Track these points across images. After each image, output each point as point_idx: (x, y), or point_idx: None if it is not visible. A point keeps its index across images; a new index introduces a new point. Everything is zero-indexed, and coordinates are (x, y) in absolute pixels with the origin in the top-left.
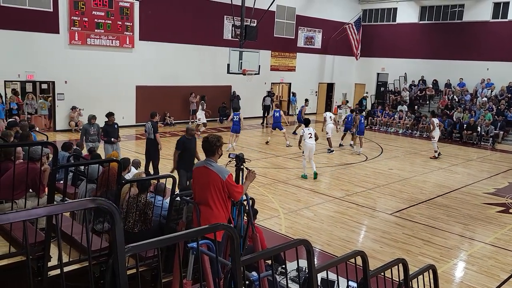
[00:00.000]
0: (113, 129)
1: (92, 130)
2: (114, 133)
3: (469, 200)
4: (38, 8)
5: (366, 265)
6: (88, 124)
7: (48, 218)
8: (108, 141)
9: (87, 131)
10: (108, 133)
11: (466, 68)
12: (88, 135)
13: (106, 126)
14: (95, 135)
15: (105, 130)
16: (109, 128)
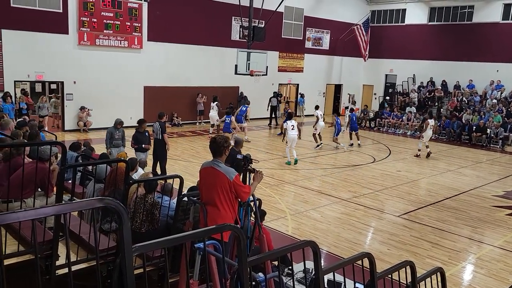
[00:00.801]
0: (145, 137)
1: (117, 134)
2: (145, 141)
3: (478, 202)
4: (48, 9)
5: (373, 267)
6: (114, 128)
7: (56, 217)
8: (140, 148)
9: (112, 135)
10: (140, 141)
11: (476, 70)
12: (112, 139)
13: (137, 134)
14: (119, 140)
15: (136, 137)
16: (140, 135)
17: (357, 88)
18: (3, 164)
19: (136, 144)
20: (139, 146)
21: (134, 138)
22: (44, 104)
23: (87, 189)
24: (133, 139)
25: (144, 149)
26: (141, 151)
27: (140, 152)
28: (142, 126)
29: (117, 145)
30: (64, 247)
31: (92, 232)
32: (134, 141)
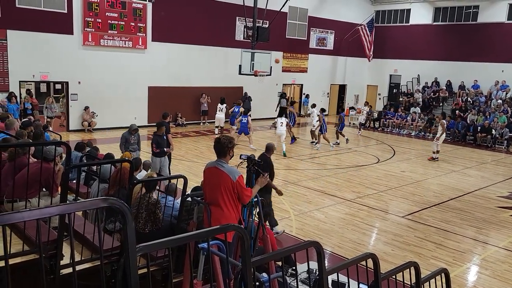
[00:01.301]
0: (163, 140)
1: (132, 139)
2: (165, 145)
3: (482, 203)
4: (53, 10)
5: (377, 268)
6: (128, 133)
7: (60, 217)
8: (161, 153)
9: (127, 140)
10: (160, 145)
11: (481, 70)
12: (128, 144)
13: (157, 137)
14: (135, 144)
15: (156, 141)
16: (160, 139)
17: (362, 88)
18: (8, 164)
19: (158, 148)
20: (161, 150)
21: (155, 142)
22: (51, 105)
23: (91, 189)
24: (154, 143)
25: (165, 152)
26: (163, 155)
27: (157, 158)
28: (161, 129)
29: (134, 149)
30: (68, 247)
31: (96, 232)
32: (156, 145)
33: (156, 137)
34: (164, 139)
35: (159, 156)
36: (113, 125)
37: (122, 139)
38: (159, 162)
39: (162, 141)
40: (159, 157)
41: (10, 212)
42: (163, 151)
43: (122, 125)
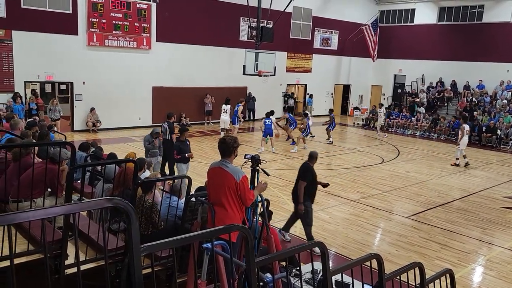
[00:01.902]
0: (186, 146)
1: (155, 140)
2: (187, 151)
3: (487, 204)
4: (58, 10)
5: (381, 268)
6: (150, 136)
7: (65, 217)
8: (182, 159)
9: (149, 142)
10: (182, 151)
11: (486, 70)
12: (150, 145)
13: (178, 143)
14: (156, 149)
15: (178, 147)
16: (182, 145)
17: (366, 88)
18: (13, 164)
19: (179, 154)
20: (182, 156)
21: (176, 148)
22: (56, 107)
23: (96, 189)
24: (176, 149)
25: (187, 159)
26: (184, 161)
27: (183, 164)
28: (184, 134)
29: (154, 154)
30: (73, 247)
31: (101, 231)
32: (177, 151)
33: (178, 143)
34: (187, 145)
35: (183, 162)
36: (117, 125)
37: (145, 142)
38: (185, 169)
39: (184, 146)
40: (183, 163)
41: (16, 212)
42: (184, 157)
43: (127, 125)
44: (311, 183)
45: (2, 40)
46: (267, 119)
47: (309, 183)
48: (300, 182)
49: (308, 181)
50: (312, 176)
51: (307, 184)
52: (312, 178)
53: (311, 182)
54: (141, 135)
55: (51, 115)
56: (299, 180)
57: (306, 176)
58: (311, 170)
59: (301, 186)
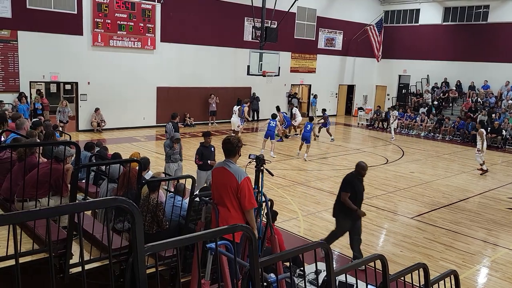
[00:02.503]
0: (210, 152)
1: (176, 145)
2: (210, 157)
3: (492, 205)
4: (63, 11)
5: (385, 269)
6: (170, 141)
7: (70, 216)
8: (204, 165)
9: (170, 148)
10: (205, 157)
11: (491, 70)
12: (171, 151)
13: (202, 148)
14: (177, 154)
15: (202, 153)
16: (206, 150)
17: (370, 88)
18: (18, 164)
19: (201, 160)
20: (204, 163)
21: (199, 153)
22: (65, 108)
23: (100, 188)
24: (198, 154)
25: (209, 166)
26: (206, 169)
27: (203, 172)
28: (208, 139)
29: (175, 159)
30: (77, 246)
31: (105, 231)
32: (199, 157)
33: (201, 148)
34: (211, 151)
35: (203, 170)
36: (122, 125)
37: (166, 147)
38: (204, 177)
39: (207, 152)
40: (203, 170)
41: (21, 211)
42: (206, 164)
43: (131, 125)
44: (353, 196)
45: (7, 41)
46: (272, 120)
47: (351, 195)
48: (342, 193)
49: (351, 192)
50: (353, 189)
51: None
52: (354, 190)
53: (353, 194)
54: (145, 135)
55: (60, 117)
56: (340, 192)
57: (345, 188)
58: (352, 182)
59: (344, 197)
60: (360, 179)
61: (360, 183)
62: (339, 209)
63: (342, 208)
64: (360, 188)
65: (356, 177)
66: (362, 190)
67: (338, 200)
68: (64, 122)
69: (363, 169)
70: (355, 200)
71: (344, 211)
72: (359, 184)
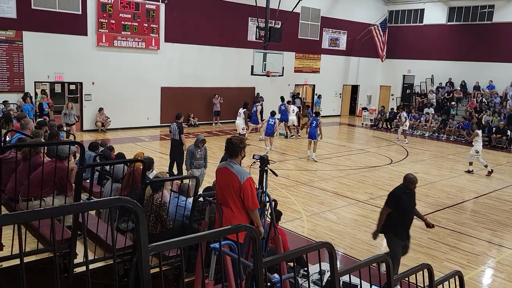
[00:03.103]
0: None
1: (198, 153)
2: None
3: (497, 205)
4: (67, 11)
5: (389, 270)
6: (195, 146)
7: (74, 216)
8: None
9: (193, 155)
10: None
11: (496, 70)
12: (193, 159)
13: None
14: (201, 159)
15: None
16: None
17: (374, 89)
18: (23, 164)
19: None
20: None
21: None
22: (71, 111)
23: (104, 188)
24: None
25: None
26: None
27: None
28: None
29: (199, 165)
30: (82, 246)
31: (109, 231)
32: None
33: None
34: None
35: None
36: (126, 125)
37: (188, 154)
38: None
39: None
40: None
41: (26, 211)
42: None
43: (135, 125)
44: (399, 212)
45: (12, 41)
46: (271, 118)
47: (396, 211)
48: (383, 207)
49: (395, 208)
50: (400, 203)
51: (393, 213)
52: (400, 206)
53: (398, 210)
54: (149, 135)
55: (66, 119)
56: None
57: (388, 202)
58: (398, 197)
59: (382, 212)
60: (408, 193)
61: (408, 199)
62: (387, 226)
63: (390, 224)
64: (407, 204)
65: (403, 191)
66: (410, 206)
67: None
68: (70, 124)
69: (412, 182)
70: (402, 218)
71: (392, 229)
72: (406, 200)
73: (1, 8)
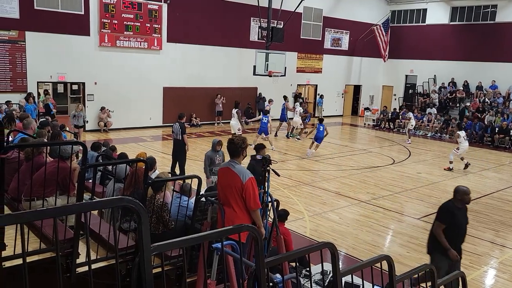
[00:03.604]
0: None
1: (217, 158)
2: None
3: (500, 206)
4: (70, 11)
5: (392, 270)
6: (213, 151)
7: (77, 215)
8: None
9: (212, 161)
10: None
11: (499, 70)
12: (212, 165)
13: (254, 162)
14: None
15: (252, 167)
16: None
17: (377, 89)
18: (26, 164)
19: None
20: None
21: (250, 167)
22: (80, 112)
23: (107, 188)
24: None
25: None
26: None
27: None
28: (262, 151)
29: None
30: (84, 246)
31: (111, 231)
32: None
33: (253, 162)
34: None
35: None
36: (128, 125)
37: (206, 160)
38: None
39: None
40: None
41: (28, 210)
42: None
43: (138, 125)
44: (453, 230)
45: (15, 41)
46: (264, 116)
47: (450, 229)
48: (435, 223)
49: (447, 224)
50: (452, 220)
51: (445, 230)
52: (454, 223)
53: (452, 227)
54: (151, 135)
55: (75, 121)
56: (434, 221)
57: (442, 217)
58: (451, 212)
59: (436, 229)
60: (461, 209)
61: (463, 214)
62: (434, 244)
63: (438, 243)
64: (462, 221)
65: (455, 205)
66: (465, 223)
67: (432, 233)
68: (80, 126)
69: (467, 193)
70: (456, 235)
71: (440, 248)
72: (460, 215)
73: (4, 8)
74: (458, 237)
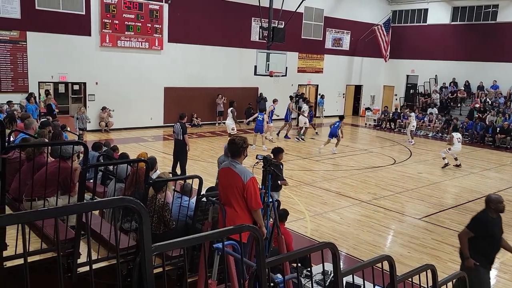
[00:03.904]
0: (280, 171)
1: None
2: (280, 178)
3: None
4: (71, 11)
5: (393, 270)
6: (225, 156)
7: (78, 215)
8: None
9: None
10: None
11: (500, 70)
12: None
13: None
14: None
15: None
16: (277, 168)
17: (378, 89)
18: (27, 164)
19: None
20: (275, 183)
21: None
22: (83, 115)
23: (108, 188)
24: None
25: (279, 186)
26: (275, 190)
27: (274, 193)
28: (279, 156)
29: None
30: (85, 246)
31: (112, 231)
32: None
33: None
34: (281, 169)
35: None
36: (129, 125)
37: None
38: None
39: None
40: (275, 191)
41: (30, 210)
42: (277, 185)
43: (139, 125)
44: (488, 241)
45: (16, 41)
46: (260, 114)
47: (485, 240)
48: (465, 230)
49: (479, 235)
50: (490, 231)
51: (481, 241)
52: (490, 234)
53: (487, 239)
54: (152, 135)
55: (78, 124)
56: (465, 227)
57: (473, 228)
58: (486, 223)
59: (463, 236)
60: (495, 218)
61: (497, 224)
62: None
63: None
64: (496, 231)
65: (489, 216)
66: (499, 232)
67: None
68: (83, 129)
69: (500, 202)
70: (491, 245)
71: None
72: (495, 226)
73: (5, 8)
74: (494, 248)
